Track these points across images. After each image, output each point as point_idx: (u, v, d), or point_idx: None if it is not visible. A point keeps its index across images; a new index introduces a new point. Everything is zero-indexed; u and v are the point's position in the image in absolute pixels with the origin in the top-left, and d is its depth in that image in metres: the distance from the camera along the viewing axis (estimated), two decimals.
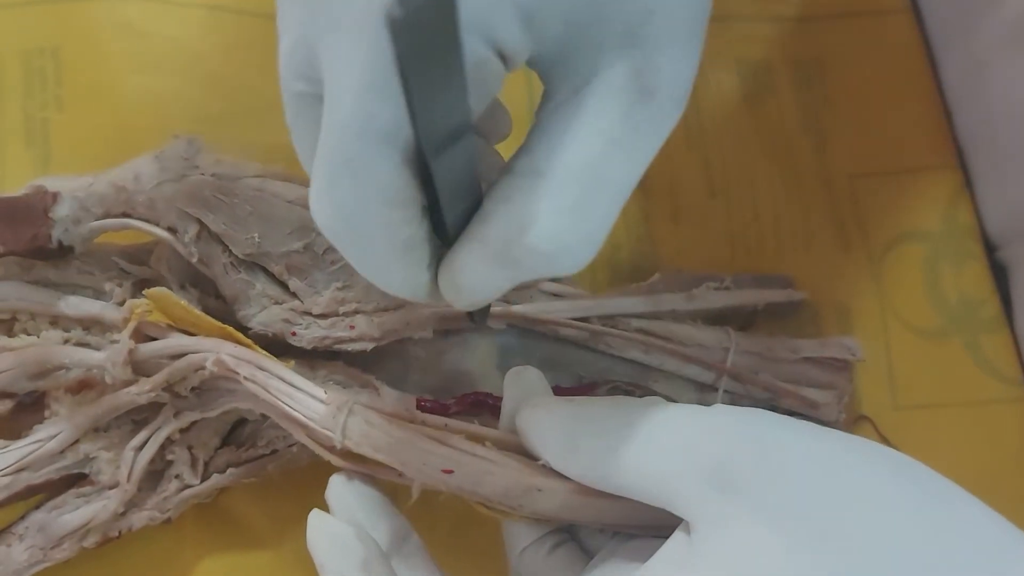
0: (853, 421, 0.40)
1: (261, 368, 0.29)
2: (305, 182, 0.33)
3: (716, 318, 0.38)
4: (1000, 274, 0.42)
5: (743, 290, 0.37)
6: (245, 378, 0.29)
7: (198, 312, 0.30)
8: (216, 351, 0.30)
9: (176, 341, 0.31)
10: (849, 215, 0.43)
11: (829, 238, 0.43)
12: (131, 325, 0.31)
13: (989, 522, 0.23)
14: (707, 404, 0.26)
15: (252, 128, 0.39)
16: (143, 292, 0.31)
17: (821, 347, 0.38)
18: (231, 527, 0.36)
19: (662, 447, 0.25)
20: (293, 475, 0.35)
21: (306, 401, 0.28)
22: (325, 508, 0.32)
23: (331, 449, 0.28)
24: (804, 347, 0.38)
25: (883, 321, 0.41)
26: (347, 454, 0.28)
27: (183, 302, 0.30)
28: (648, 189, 0.43)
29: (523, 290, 0.35)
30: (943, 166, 0.43)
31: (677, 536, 0.24)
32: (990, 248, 0.43)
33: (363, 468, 0.28)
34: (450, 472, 0.26)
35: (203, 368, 0.30)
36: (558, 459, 0.26)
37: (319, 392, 0.28)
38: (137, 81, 0.41)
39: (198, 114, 0.40)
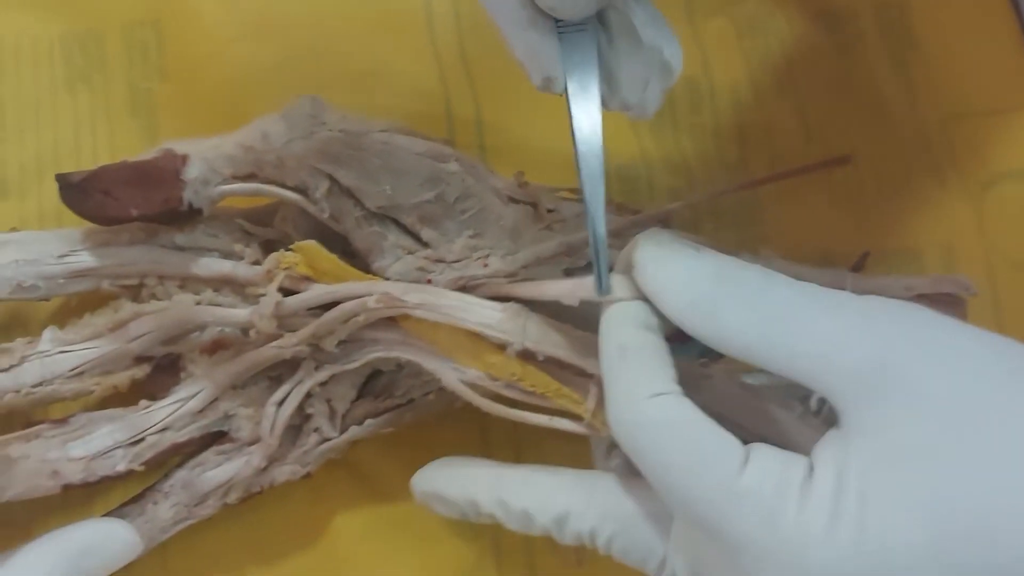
0: None
1: (428, 292, 0.29)
2: (427, 137, 0.34)
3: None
4: None
5: None
6: (415, 304, 0.29)
7: (345, 264, 0.31)
8: (371, 292, 0.30)
9: (325, 289, 0.31)
10: (944, 157, 0.43)
11: (926, 180, 0.43)
12: (279, 277, 0.31)
13: None
14: None
15: (351, 94, 0.40)
16: (290, 247, 0.31)
17: (935, 284, 0.38)
18: (364, 482, 0.37)
19: (818, 333, 0.25)
20: (422, 428, 0.36)
21: (482, 312, 0.29)
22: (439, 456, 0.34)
23: (504, 350, 0.30)
24: (918, 285, 0.38)
25: (987, 259, 0.42)
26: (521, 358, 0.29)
27: (332, 255, 0.31)
28: (745, 138, 0.43)
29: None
30: None
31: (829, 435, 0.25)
32: None
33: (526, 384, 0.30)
34: None
35: (356, 316, 0.31)
36: (685, 317, 0.27)
37: (494, 303, 0.29)
38: (238, 49, 0.41)
39: (299, 80, 0.41)
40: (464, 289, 0.32)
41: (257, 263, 0.34)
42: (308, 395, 0.33)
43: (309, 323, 0.32)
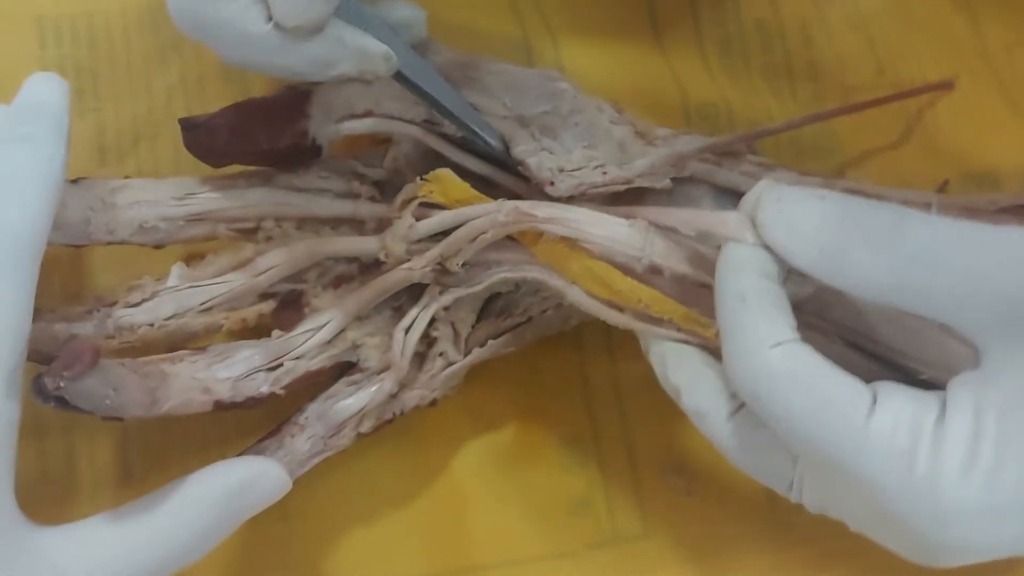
0: None
1: (556, 207, 0.30)
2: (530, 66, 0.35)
3: None
4: None
5: None
6: (544, 219, 0.30)
7: (477, 192, 0.31)
8: (500, 209, 0.31)
9: (455, 212, 0.32)
10: (1013, 84, 0.44)
11: (999, 107, 0.44)
12: (415, 202, 0.32)
13: None
14: None
15: None
16: (423, 176, 0.32)
17: (1017, 196, 0.39)
18: (474, 418, 0.37)
19: (960, 269, 0.25)
20: (518, 361, 0.37)
21: (609, 225, 0.30)
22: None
23: (632, 271, 0.30)
24: (1001, 199, 0.39)
25: None
26: (647, 277, 0.30)
27: (464, 183, 0.31)
28: (817, 73, 0.44)
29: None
30: None
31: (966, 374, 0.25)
32: None
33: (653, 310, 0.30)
34: None
35: (484, 233, 0.31)
36: (814, 264, 0.26)
37: (620, 219, 0.29)
38: None
39: None
40: (584, 197, 0.32)
41: (373, 199, 0.34)
42: (432, 320, 0.34)
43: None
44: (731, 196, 0.36)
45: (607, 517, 0.36)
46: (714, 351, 0.30)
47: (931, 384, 0.27)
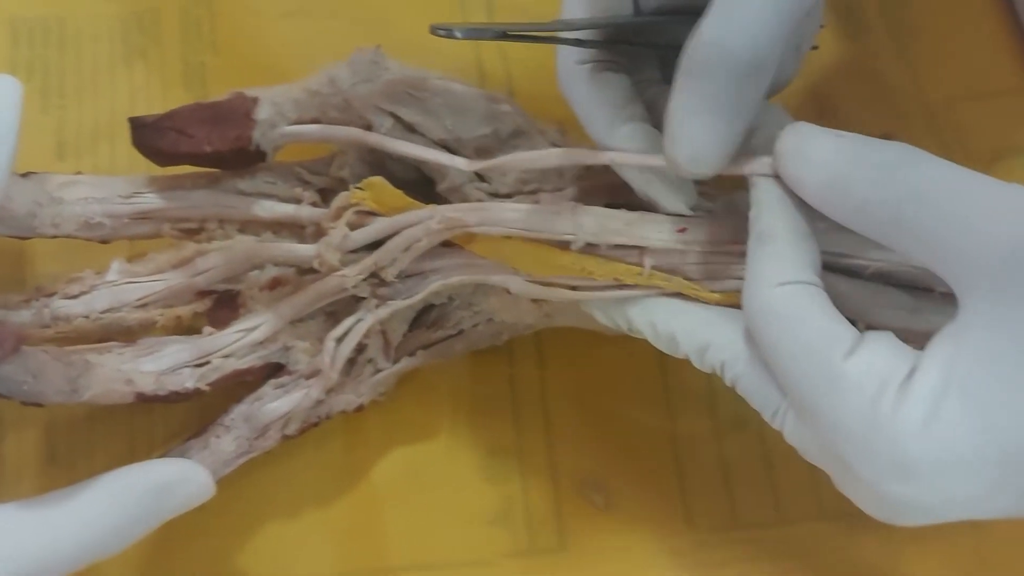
0: None
1: (487, 208, 0.31)
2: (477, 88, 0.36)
3: None
4: None
5: None
6: (476, 223, 0.31)
7: (411, 199, 0.32)
8: (432, 216, 0.32)
9: (389, 220, 0.33)
10: (951, 136, 0.45)
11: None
12: (348, 213, 0.33)
13: None
14: None
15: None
16: (356, 184, 0.33)
17: None
18: (398, 426, 0.38)
19: (951, 216, 0.24)
20: (449, 372, 0.38)
21: (539, 216, 0.31)
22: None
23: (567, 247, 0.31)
24: None
25: None
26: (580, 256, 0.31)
27: (398, 190, 0.32)
28: None
29: None
30: None
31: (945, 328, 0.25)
32: None
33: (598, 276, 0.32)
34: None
35: (418, 241, 0.32)
36: (821, 194, 0.27)
37: (549, 208, 0.31)
38: (286, 25, 0.44)
39: (344, 54, 0.43)
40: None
41: (316, 205, 0.35)
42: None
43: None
44: None
45: (525, 528, 0.37)
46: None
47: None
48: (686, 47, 0.28)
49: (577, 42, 0.32)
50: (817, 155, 0.27)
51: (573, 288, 0.32)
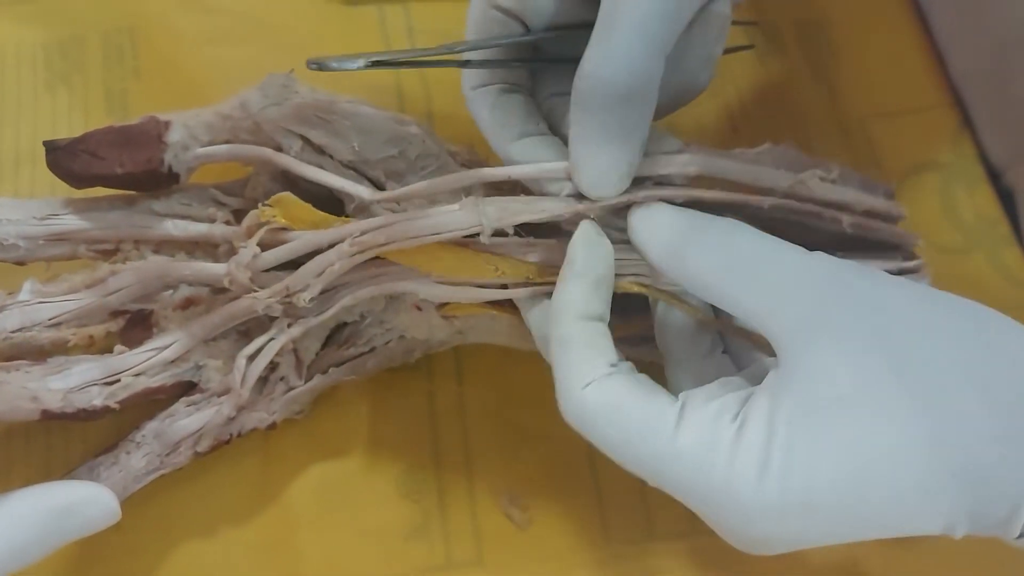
0: None
1: (396, 222, 0.32)
2: (387, 110, 0.37)
3: None
4: (1007, 200, 0.46)
5: (847, 188, 0.36)
6: (384, 242, 0.31)
7: (321, 212, 0.33)
8: (343, 236, 0.32)
9: (301, 241, 0.33)
10: (864, 153, 0.47)
11: None
12: (260, 231, 0.33)
13: None
14: None
15: None
16: (265, 202, 0.33)
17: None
18: (314, 443, 0.38)
19: (765, 283, 0.28)
20: (368, 388, 0.38)
21: (442, 215, 0.31)
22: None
23: (476, 240, 0.32)
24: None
25: None
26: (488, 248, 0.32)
27: (307, 204, 0.33)
28: (677, 132, 0.46)
29: None
30: (943, 104, 0.48)
31: (767, 381, 0.28)
32: (993, 175, 0.47)
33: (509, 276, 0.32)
34: None
35: (331, 266, 0.32)
36: (662, 260, 0.30)
37: (451, 206, 0.32)
38: (209, 51, 0.44)
39: None
40: None
41: (230, 224, 0.36)
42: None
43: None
44: None
45: (442, 544, 0.37)
46: None
47: None
48: (575, 80, 0.30)
49: (464, 63, 0.33)
50: (659, 224, 0.30)
51: (481, 287, 0.33)
